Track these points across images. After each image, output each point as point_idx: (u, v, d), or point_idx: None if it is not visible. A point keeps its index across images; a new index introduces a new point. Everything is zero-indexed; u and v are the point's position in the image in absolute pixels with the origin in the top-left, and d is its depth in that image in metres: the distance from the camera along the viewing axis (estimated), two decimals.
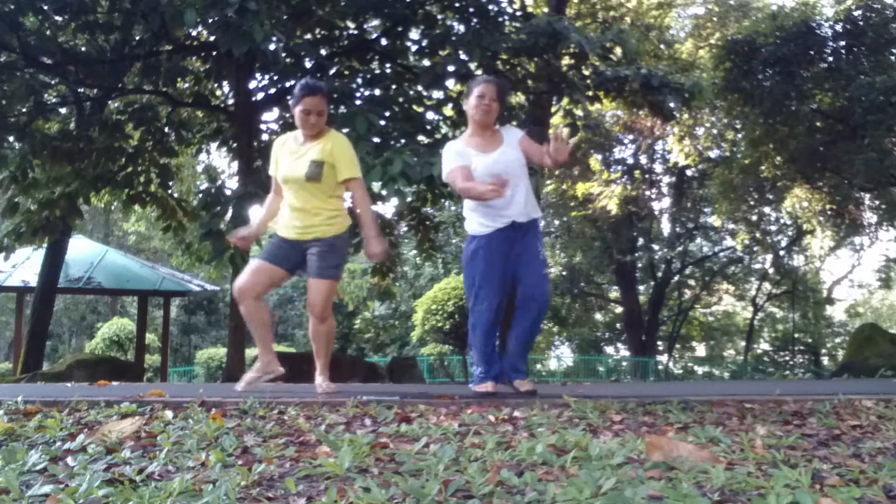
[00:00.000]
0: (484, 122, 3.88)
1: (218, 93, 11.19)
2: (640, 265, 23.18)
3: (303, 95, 3.82)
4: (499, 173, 3.67)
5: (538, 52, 8.44)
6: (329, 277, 3.88)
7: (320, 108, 3.84)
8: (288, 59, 7.64)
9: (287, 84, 9.07)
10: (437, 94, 9.44)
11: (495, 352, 3.87)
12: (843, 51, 13.66)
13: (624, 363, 23.61)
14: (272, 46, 6.74)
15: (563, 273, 24.39)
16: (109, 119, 9.53)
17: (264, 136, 9.59)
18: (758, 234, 20.55)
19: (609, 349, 28.19)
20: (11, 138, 8.97)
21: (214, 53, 8.95)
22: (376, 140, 7.37)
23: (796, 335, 25.30)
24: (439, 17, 9.13)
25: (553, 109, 10.22)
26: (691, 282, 25.31)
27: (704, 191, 20.67)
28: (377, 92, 8.96)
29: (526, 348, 3.91)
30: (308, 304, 3.94)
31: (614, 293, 26.17)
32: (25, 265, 12.86)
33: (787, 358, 25.93)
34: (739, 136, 16.68)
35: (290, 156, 3.92)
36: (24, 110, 9.06)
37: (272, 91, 9.24)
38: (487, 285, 3.77)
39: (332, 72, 9.30)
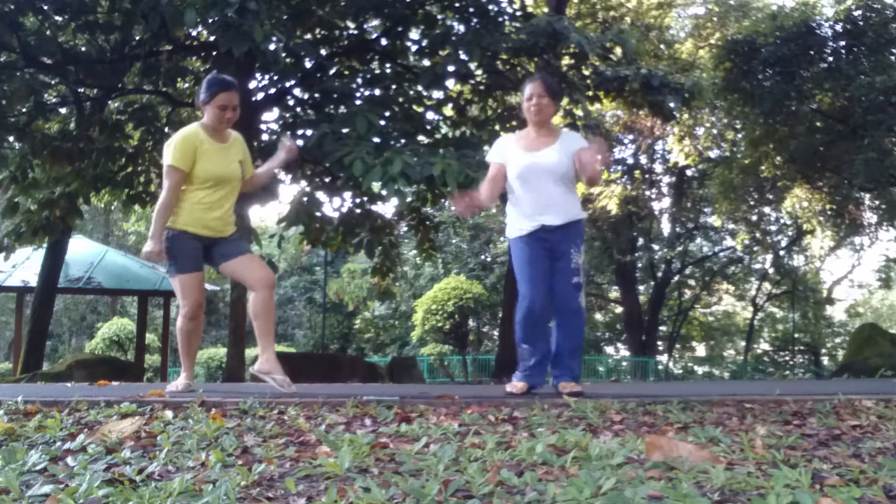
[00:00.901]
0: (537, 121, 3.84)
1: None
2: (640, 265, 23.18)
3: (218, 91, 3.79)
4: (525, 175, 3.74)
5: (538, 52, 8.44)
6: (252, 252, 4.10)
7: (236, 104, 3.85)
8: (288, 59, 7.64)
9: (287, 84, 9.08)
10: (437, 94, 9.44)
11: (535, 349, 3.80)
12: (843, 51, 13.66)
13: (624, 363, 23.61)
14: (272, 46, 6.74)
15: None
16: (109, 119, 9.53)
17: (264, 136, 9.59)
18: (758, 234, 20.55)
19: (609, 349, 28.19)
20: (11, 138, 8.97)
21: (214, 53, 8.95)
22: (376, 140, 7.37)
23: (796, 335, 25.30)
24: (439, 17, 9.13)
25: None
26: (691, 282, 25.31)
27: (704, 191, 20.67)
28: (377, 92, 8.96)
29: (569, 354, 3.81)
30: (260, 278, 3.87)
31: (614, 293, 26.17)
32: (25, 265, 12.86)
33: (787, 358, 25.93)
34: (739, 136, 16.67)
35: (213, 155, 3.85)
36: (24, 110, 9.06)
37: (272, 91, 9.24)
38: (523, 284, 3.80)
39: (332, 72, 9.30)
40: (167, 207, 3.78)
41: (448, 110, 9.81)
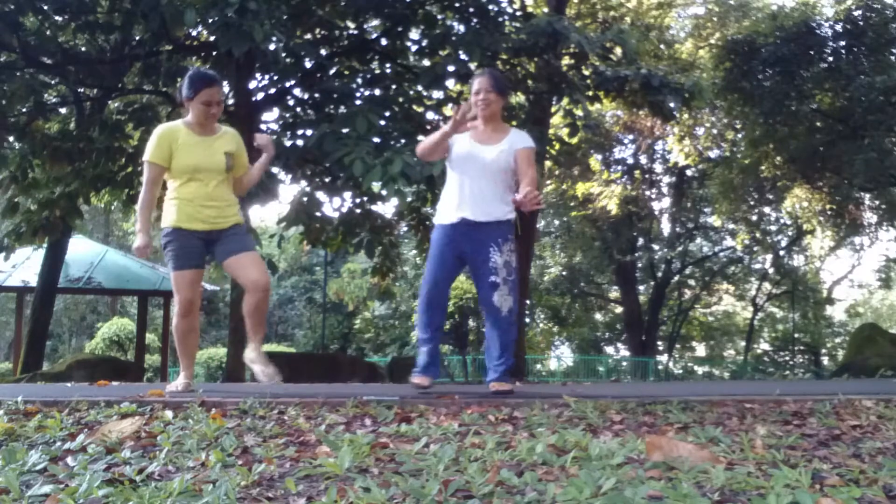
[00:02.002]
0: (485, 116, 3.82)
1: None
2: (640, 265, 23.18)
3: (202, 87, 3.81)
4: (459, 163, 3.76)
5: (538, 52, 8.44)
6: (256, 250, 4.03)
7: (220, 98, 3.86)
8: (288, 59, 7.64)
9: (287, 84, 9.08)
10: (437, 94, 9.44)
11: (433, 342, 3.83)
12: (843, 51, 13.66)
13: (624, 363, 23.61)
14: (272, 46, 6.75)
15: (563, 273, 24.39)
16: (109, 119, 9.53)
17: None
18: (758, 234, 20.55)
19: (609, 349, 28.20)
20: (11, 138, 8.98)
21: (214, 53, 8.95)
22: (376, 140, 7.37)
23: (796, 335, 25.30)
24: (439, 17, 9.13)
25: (553, 109, 10.22)
26: (691, 282, 25.31)
27: (704, 191, 20.68)
28: (377, 92, 8.97)
29: (497, 351, 3.81)
30: (254, 279, 3.85)
31: (614, 293, 26.17)
32: (25, 265, 12.86)
33: (787, 358, 25.93)
34: (739, 136, 16.67)
35: (193, 147, 3.86)
36: (24, 110, 9.06)
37: (272, 91, 9.24)
38: (430, 271, 3.83)
39: (332, 72, 9.30)
40: (146, 203, 3.86)
41: (448, 110, 9.80)
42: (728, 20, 17.24)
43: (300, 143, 8.99)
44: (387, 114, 8.37)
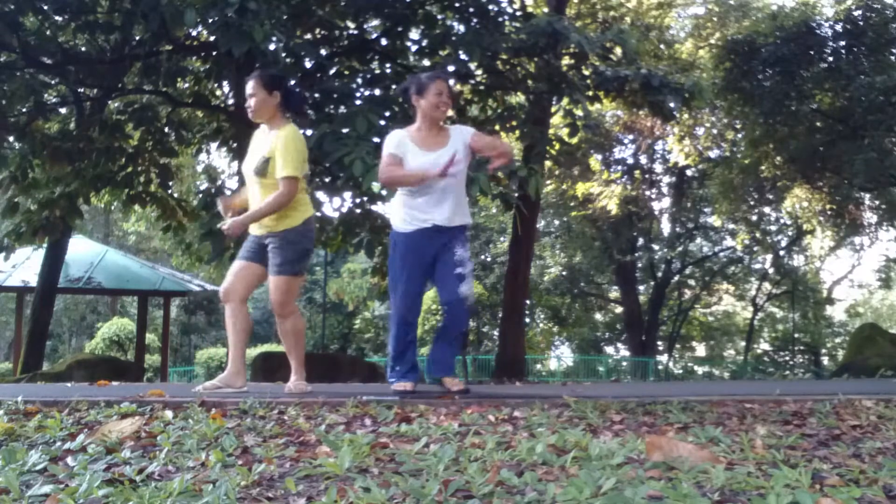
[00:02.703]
0: (440, 120, 3.83)
1: (218, 93, 11.18)
2: (640, 265, 23.18)
3: (249, 79, 3.95)
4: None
5: (538, 52, 8.44)
6: (284, 274, 3.82)
7: (250, 91, 3.88)
8: (288, 59, 7.63)
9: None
10: None
11: (410, 350, 3.86)
12: (843, 51, 13.66)
13: (624, 363, 23.61)
14: (272, 46, 6.74)
15: (563, 273, 24.39)
16: (109, 119, 9.53)
17: None
18: (758, 234, 20.55)
19: (609, 349, 28.19)
20: (11, 138, 8.97)
21: (214, 53, 8.95)
22: (376, 140, 7.37)
23: (796, 335, 25.30)
24: (439, 17, 9.13)
25: (553, 109, 10.22)
26: (691, 282, 25.30)
27: (704, 191, 20.68)
28: (377, 92, 8.95)
29: (450, 346, 3.89)
30: (271, 301, 3.94)
31: (614, 293, 26.17)
32: (25, 265, 12.86)
33: (787, 358, 25.93)
34: (739, 136, 16.67)
35: (253, 148, 3.95)
36: (24, 110, 9.05)
37: None
38: (401, 282, 3.79)
39: (332, 72, 9.30)
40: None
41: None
42: (728, 20, 17.24)
43: None
44: (387, 114, 8.36)
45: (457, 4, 8.91)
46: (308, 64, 8.76)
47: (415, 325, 3.87)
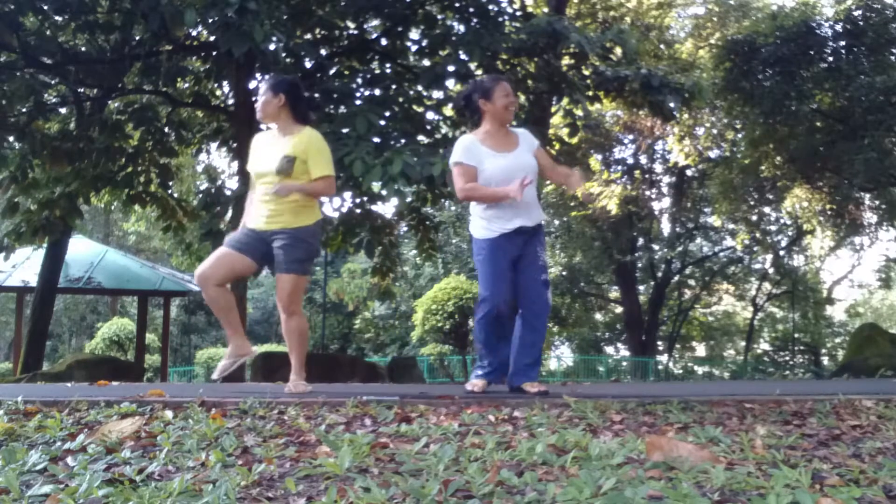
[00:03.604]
0: (509, 121, 3.92)
1: (218, 93, 11.19)
2: (640, 265, 23.17)
3: (263, 83, 3.98)
4: (516, 175, 3.69)
5: (538, 52, 8.44)
6: (294, 272, 3.83)
7: (260, 92, 3.94)
8: (288, 59, 7.64)
9: None
10: (437, 94, 9.44)
11: (498, 350, 3.84)
12: (843, 51, 13.66)
13: (624, 363, 23.61)
14: (272, 46, 6.74)
15: (563, 273, 24.39)
16: (109, 119, 9.52)
17: None
18: (758, 234, 20.55)
19: (609, 349, 28.19)
20: (11, 138, 8.97)
21: (214, 53, 8.95)
22: (376, 140, 7.37)
23: (796, 335, 25.30)
24: (439, 17, 9.13)
25: (553, 109, 10.22)
26: (691, 282, 25.30)
27: (704, 191, 20.67)
28: (377, 92, 8.96)
29: (530, 352, 3.84)
30: (277, 299, 3.94)
31: (614, 293, 26.17)
32: (25, 265, 12.86)
33: (787, 358, 25.93)
34: (739, 136, 16.67)
35: (261, 150, 3.97)
36: (24, 110, 9.06)
37: None
38: (491, 286, 3.76)
39: (332, 72, 9.30)
40: (247, 206, 4.12)
41: (448, 110, 9.80)
42: (728, 20, 17.25)
43: None
44: (387, 114, 8.36)
45: (457, 4, 8.91)
46: (308, 64, 8.77)
47: (507, 328, 3.84)
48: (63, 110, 10.45)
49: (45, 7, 7.87)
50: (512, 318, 3.85)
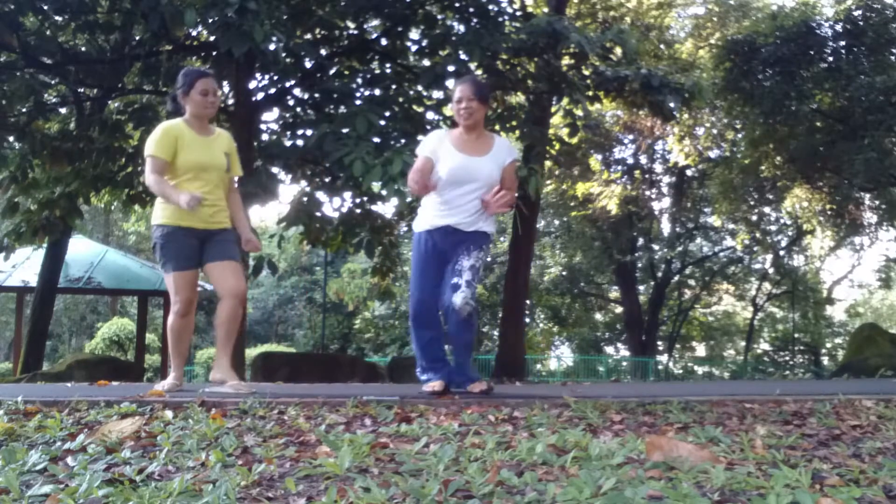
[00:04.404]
0: (467, 126, 3.78)
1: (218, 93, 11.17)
2: (640, 265, 23.18)
3: (196, 77, 3.90)
4: (456, 175, 3.69)
5: (538, 52, 8.44)
6: (240, 261, 4.01)
7: (215, 88, 3.94)
8: (288, 59, 7.64)
9: (287, 84, 9.08)
10: (437, 94, 9.44)
11: (435, 349, 3.79)
12: (843, 51, 13.66)
13: (624, 363, 23.61)
14: (272, 46, 6.74)
15: (563, 273, 24.39)
16: (109, 119, 9.52)
17: (264, 136, 9.59)
18: (758, 234, 20.55)
19: (609, 349, 28.20)
20: (11, 138, 8.97)
21: (214, 53, 8.95)
22: (376, 140, 7.37)
23: (796, 335, 25.31)
24: (439, 17, 9.13)
25: (553, 109, 10.22)
26: (691, 282, 25.31)
27: (704, 191, 20.68)
28: (377, 92, 8.96)
29: (461, 353, 3.82)
30: (230, 287, 3.86)
31: (614, 293, 26.17)
32: (25, 265, 12.86)
33: (787, 358, 25.94)
34: (739, 136, 16.68)
35: (195, 145, 3.89)
36: (24, 110, 9.06)
37: (272, 91, 9.24)
38: (416, 280, 3.78)
39: (332, 72, 9.30)
40: (159, 182, 3.82)
41: (448, 110, 9.79)
42: (728, 20, 17.25)
43: (300, 143, 8.99)
44: (387, 114, 8.36)
45: (457, 4, 8.91)
46: (308, 64, 8.76)
47: (432, 325, 3.79)
48: (63, 110, 10.45)
49: (45, 7, 7.87)
50: (436, 314, 3.79)
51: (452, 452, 2.09)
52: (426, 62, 9.42)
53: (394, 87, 9.25)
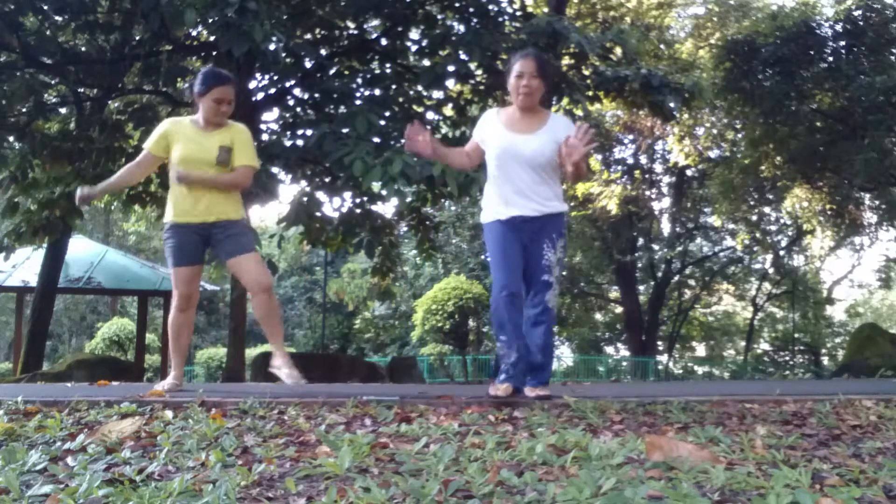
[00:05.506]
0: (525, 106, 3.48)
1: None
2: (640, 265, 23.17)
3: (214, 84, 3.85)
4: (502, 158, 3.45)
5: None
6: (256, 249, 4.01)
7: (230, 98, 3.90)
8: (288, 59, 7.64)
9: (287, 84, 9.08)
10: (437, 94, 9.45)
11: (514, 347, 3.44)
12: (843, 51, 13.67)
13: (624, 363, 23.61)
14: (272, 46, 6.74)
15: (564, 273, 24.34)
16: (109, 119, 9.52)
17: (264, 136, 9.59)
18: (758, 234, 20.55)
19: (609, 349, 28.19)
20: (11, 138, 8.97)
21: (214, 53, 8.95)
22: (376, 140, 7.37)
23: (796, 335, 25.30)
24: (439, 17, 9.13)
25: (553, 109, 10.21)
26: (691, 282, 25.30)
27: (704, 191, 20.68)
28: (377, 92, 8.96)
29: (537, 354, 3.49)
30: (253, 280, 3.85)
31: (614, 293, 26.16)
32: (25, 265, 12.86)
33: (787, 358, 25.92)
34: (739, 136, 16.68)
35: (189, 139, 3.87)
36: (24, 110, 9.05)
37: (272, 91, 9.24)
38: (495, 271, 3.51)
39: (332, 72, 9.30)
40: (126, 170, 4.04)
41: (448, 110, 9.80)
42: (728, 20, 17.25)
43: (300, 143, 8.98)
44: (387, 114, 8.36)
45: (457, 4, 8.92)
46: (308, 64, 8.76)
47: (520, 309, 3.50)
48: (63, 110, 10.45)
49: (45, 7, 7.87)
50: (521, 305, 3.51)
51: (452, 452, 2.08)
52: (426, 62, 9.42)
53: (394, 87, 9.25)
